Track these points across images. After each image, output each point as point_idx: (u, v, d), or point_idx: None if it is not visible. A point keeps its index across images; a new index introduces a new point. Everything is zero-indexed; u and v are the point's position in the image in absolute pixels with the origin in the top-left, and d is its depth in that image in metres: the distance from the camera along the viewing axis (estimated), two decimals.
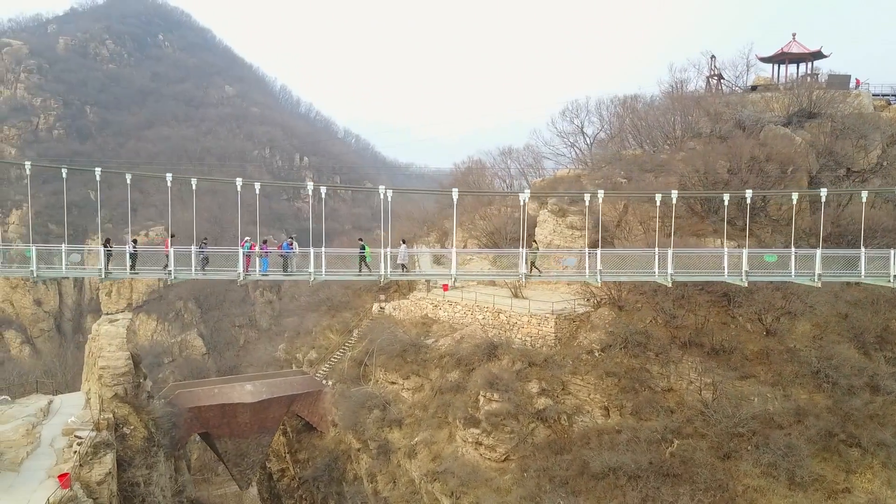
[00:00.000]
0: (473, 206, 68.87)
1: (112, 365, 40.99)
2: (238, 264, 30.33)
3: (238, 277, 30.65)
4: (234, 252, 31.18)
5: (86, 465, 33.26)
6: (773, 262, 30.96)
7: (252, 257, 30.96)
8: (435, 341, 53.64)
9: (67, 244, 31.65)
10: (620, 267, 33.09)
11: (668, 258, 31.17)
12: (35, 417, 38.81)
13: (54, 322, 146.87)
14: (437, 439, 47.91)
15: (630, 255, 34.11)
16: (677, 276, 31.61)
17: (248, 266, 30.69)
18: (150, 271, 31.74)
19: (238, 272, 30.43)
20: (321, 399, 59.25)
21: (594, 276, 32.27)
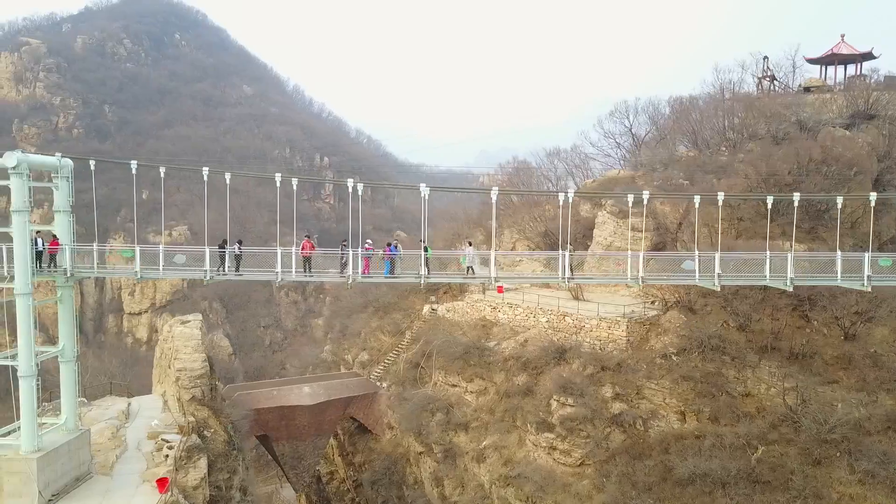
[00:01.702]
0: (524, 206, 68.38)
1: (189, 367, 40.47)
2: (345, 267, 29.75)
3: (347, 280, 30.09)
4: (339, 254, 30.63)
5: (181, 470, 32.75)
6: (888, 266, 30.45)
7: (371, 259, 30.41)
8: (497, 344, 53.11)
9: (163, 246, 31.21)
10: (672, 270, 32.45)
11: (716, 262, 30.57)
12: (117, 420, 38.32)
13: (76, 322, 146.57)
14: (506, 443, 47.38)
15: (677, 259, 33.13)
16: (725, 280, 30.94)
17: (367, 268, 30.16)
18: (255, 273, 31.13)
19: (347, 274, 29.88)
20: (377, 401, 58.75)
21: (636, 280, 31.84)
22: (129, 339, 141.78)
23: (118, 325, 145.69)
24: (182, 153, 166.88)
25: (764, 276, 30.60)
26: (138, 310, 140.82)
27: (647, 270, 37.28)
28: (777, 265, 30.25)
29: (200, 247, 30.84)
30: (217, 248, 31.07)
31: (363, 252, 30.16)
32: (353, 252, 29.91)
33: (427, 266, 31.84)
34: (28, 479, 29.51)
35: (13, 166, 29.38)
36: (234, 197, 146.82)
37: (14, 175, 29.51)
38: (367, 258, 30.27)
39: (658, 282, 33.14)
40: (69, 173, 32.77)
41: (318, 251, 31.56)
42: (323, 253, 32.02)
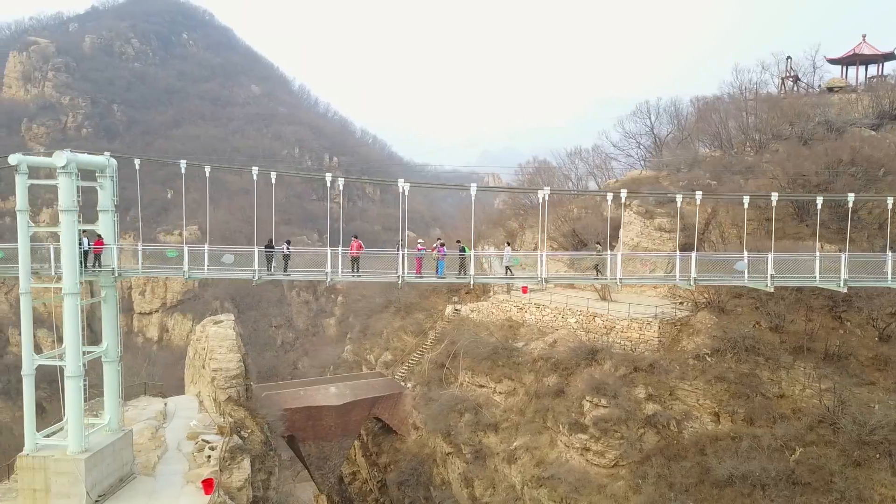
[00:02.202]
0: (547, 206, 68.17)
1: (224, 367, 40.34)
2: (400, 267, 29.60)
3: (398, 280, 29.95)
4: (389, 254, 30.51)
5: (225, 471, 32.62)
6: None
7: (424, 259, 30.27)
8: (525, 345, 52.97)
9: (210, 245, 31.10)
10: (711, 271, 32.26)
11: (769, 263, 30.50)
12: (156, 420, 38.21)
13: (86, 321, 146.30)
14: (537, 444, 47.22)
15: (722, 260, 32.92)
16: (779, 281, 30.80)
17: (420, 268, 30.02)
18: (305, 273, 30.97)
19: (398, 274, 29.74)
20: (402, 402, 58.61)
21: (687, 281, 31.62)
22: (140, 338, 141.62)
23: (128, 325, 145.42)
24: (191, 153, 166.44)
25: (814, 278, 30.46)
26: (149, 309, 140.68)
27: (682, 272, 37.29)
28: (826, 266, 30.17)
29: (249, 247, 30.74)
30: (264, 248, 30.94)
31: (416, 252, 30.01)
32: (404, 253, 29.76)
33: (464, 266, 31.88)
34: (76, 479, 29.42)
35: (62, 165, 29.31)
36: (245, 197, 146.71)
37: (63, 174, 29.44)
38: (419, 258, 30.13)
39: (710, 283, 32.89)
40: (113, 172, 32.64)
41: (365, 251, 31.36)
42: (373, 253, 31.80)
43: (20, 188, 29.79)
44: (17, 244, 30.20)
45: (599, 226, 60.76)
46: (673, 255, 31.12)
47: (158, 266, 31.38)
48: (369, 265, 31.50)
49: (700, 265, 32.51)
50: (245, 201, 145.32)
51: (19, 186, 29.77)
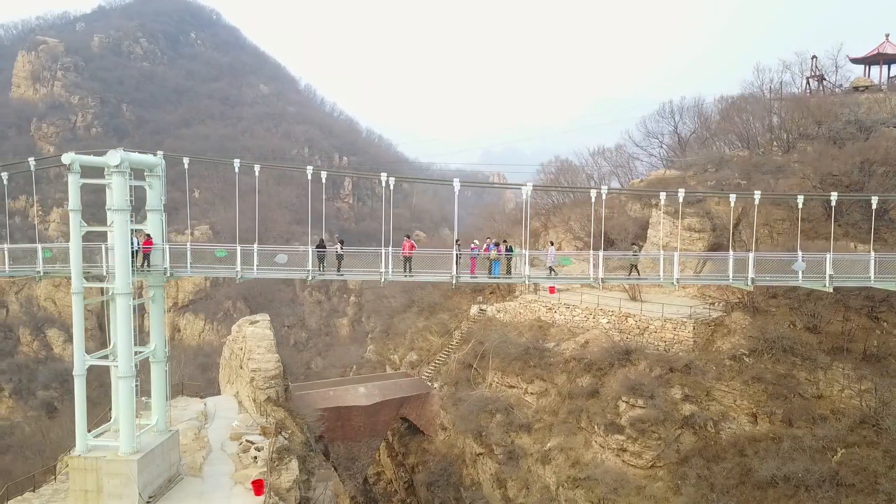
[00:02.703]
0: (571, 206, 68.08)
1: (263, 367, 40.20)
2: (454, 266, 29.41)
3: (452, 280, 29.76)
4: (445, 254, 30.33)
5: (274, 472, 32.45)
6: None
7: (478, 259, 30.10)
8: (556, 345, 52.78)
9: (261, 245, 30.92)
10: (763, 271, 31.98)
11: (827, 263, 30.41)
12: (197, 421, 38.03)
13: (97, 321, 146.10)
14: (572, 445, 47.05)
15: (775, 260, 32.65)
16: (837, 282, 30.57)
17: (475, 268, 29.85)
18: (359, 273, 30.76)
19: (452, 274, 29.55)
20: (429, 402, 58.45)
21: (744, 281, 31.32)
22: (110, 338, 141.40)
23: (139, 325, 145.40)
24: (202, 152, 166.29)
25: (868, 278, 30.32)
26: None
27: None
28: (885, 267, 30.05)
29: (303, 246, 30.58)
30: (315, 248, 30.77)
31: (470, 252, 29.84)
32: (459, 252, 29.59)
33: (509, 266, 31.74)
34: (129, 480, 29.23)
35: (116, 164, 29.13)
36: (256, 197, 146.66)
37: (116, 173, 29.25)
38: (473, 258, 29.95)
39: (766, 283, 32.74)
40: (162, 171, 32.47)
41: (418, 251, 31.18)
42: (428, 253, 31.61)
43: (73, 188, 29.59)
44: (70, 244, 29.88)
45: (628, 225, 60.73)
46: (729, 255, 30.78)
47: (210, 266, 31.11)
48: (422, 265, 31.32)
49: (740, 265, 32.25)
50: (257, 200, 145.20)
51: (72, 186, 29.57)
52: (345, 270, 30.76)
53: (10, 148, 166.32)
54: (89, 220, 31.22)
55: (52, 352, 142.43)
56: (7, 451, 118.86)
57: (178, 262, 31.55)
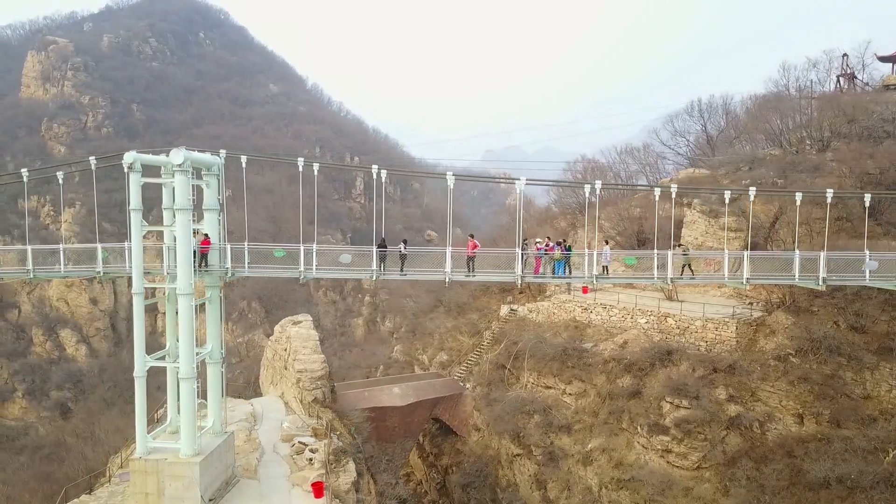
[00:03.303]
0: (603, 205, 67.59)
1: (309, 368, 39.87)
2: (519, 266, 29.05)
3: (517, 280, 29.40)
4: (509, 253, 29.96)
5: (332, 474, 32.12)
6: None
7: (543, 259, 29.72)
8: (594, 345, 52.43)
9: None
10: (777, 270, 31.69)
11: None
12: (247, 422, 37.70)
13: (109, 321, 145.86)
14: (614, 446, 46.70)
15: None
16: None
17: (539, 268, 29.48)
18: (422, 273, 30.39)
19: (517, 274, 29.19)
20: (462, 402, 58.13)
21: (815, 281, 30.98)
22: (164, 339, 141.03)
23: (152, 325, 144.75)
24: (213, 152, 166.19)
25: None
26: (174, 309, 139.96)
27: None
28: None
29: (367, 246, 30.25)
30: (378, 248, 30.42)
31: (536, 252, 29.48)
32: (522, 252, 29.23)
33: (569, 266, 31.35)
34: (191, 483, 28.92)
35: (179, 163, 28.80)
36: (268, 196, 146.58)
37: (179, 172, 28.93)
38: (538, 258, 29.59)
39: (839, 282, 32.39)
40: (219, 171, 32.15)
41: (480, 250, 30.80)
42: (491, 253, 31.23)
43: (133, 187, 29.22)
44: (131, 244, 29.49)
45: (666, 224, 60.25)
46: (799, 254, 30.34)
47: (271, 266, 30.68)
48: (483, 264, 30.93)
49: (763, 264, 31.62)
50: (268, 200, 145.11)
51: (133, 185, 29.21)
52: (409, 270, 30.32)
53: (21, 148, 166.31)
54: (101, 219, 31.12)
55: (64, 352, 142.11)
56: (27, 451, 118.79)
57: (236, 263, 31.26)
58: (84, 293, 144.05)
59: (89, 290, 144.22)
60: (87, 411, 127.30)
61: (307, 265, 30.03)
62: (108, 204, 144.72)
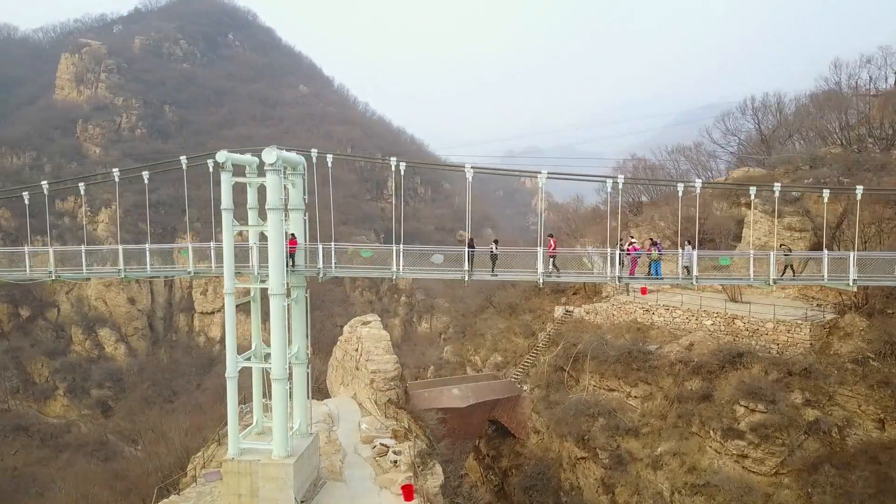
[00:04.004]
0: (653, 206, 66.77)
1: (382, 369, 39.46)
2: (616, 267, 28.32)
3: (613, 281, 28.70)
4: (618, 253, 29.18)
5: (420, 476, 31.63)
6: None
7: (640, 260, 28.99)
8: (659, 347, 51.51)
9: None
10: None
11: None
12: (325, 423, 37.35)
13: (147, 320, 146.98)
14: (685, 450, 45.75)
15: None
16: None
17: (634, 269, 28.76)
18: (513, 273, 29.75)
19: (616, 275, 28.46)
20: (520, 404, 57.47)
21: None
22: (202, 338, 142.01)
23: (189, 325, 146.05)
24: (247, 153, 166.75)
25: None
26: (211, 309, 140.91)
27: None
28: None
29: (458, 247, 29.72)
30: (468, 248, 29.86)
31: (633, 252, 28.75)
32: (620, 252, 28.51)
33: None
34: (284, 485, 28.61)
35: (272, 162, 28.54)
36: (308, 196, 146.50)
37: (271, 172, 28.68)
38: (635, 258, 28.87)
39: None
40: (304, 170, 31.86)
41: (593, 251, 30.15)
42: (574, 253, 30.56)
43: (225, 186, 29.02)
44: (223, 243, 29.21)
45: (728, 224, 59.36)
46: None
47: (363, 266, 30.26)
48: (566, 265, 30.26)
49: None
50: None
51: (224, 184, 28.99)
52: (500, 270, 29.70)
53: (57, 149, 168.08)
54: (136, 219, 31.05)
55: (104, 351, 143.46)
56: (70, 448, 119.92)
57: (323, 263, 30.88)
58: (122, 293, 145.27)
59: (127, 289, 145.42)
60: (127, 410, 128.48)
61: (397, 265, 29.57)
62: (144, 205, 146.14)
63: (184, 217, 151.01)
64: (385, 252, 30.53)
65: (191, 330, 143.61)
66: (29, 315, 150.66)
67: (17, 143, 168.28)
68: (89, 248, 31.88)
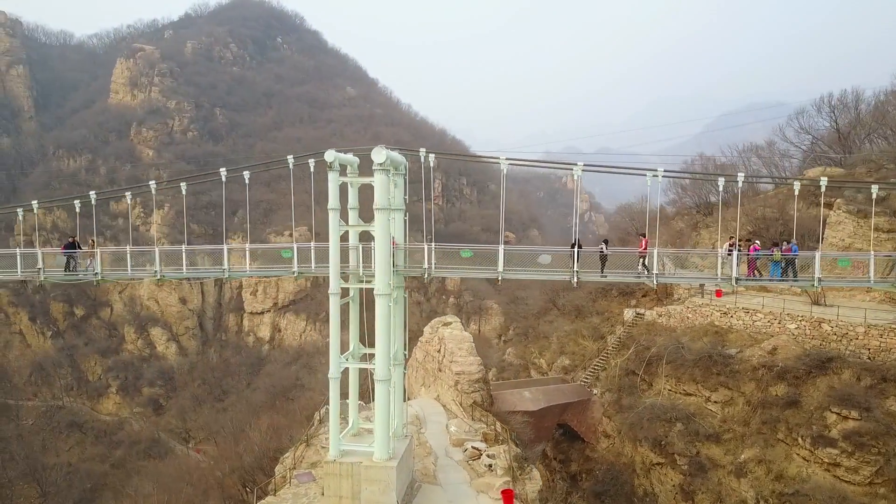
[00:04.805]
0: (727, 205, 65.27)
1: (467, 370, 39.14)
2: (734, 267, 27.50)
3: (731, 284, 27.89)
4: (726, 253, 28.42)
5: (518, 481, 31.17)
6: None
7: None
8: (739, 351, 50.21)
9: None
10: None
11: None
12: (413, 426, 37.11)
13: (198, 320, 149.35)
14: (771, 457, 44.48)
15: None
16: None
17: (753, 270, 27.90)
18: (624, 275, 29.17)
19: (734, 277, 27.63)
20: (590, 408, 56.65)
21: None
22: (251, 338, 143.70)
23: (238, 324, 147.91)
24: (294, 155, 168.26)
25: None
26: (261, 309, 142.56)
27: None
28: None
29: (562, 247, 29.23)
30: (570, 248, 29.32)
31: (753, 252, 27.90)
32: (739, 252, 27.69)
33: None
34: (387, 487, 28.41)
35: (381, 162, 28.35)
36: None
37: (380, 171, 28.50)
38: (753, 259, 28.02)
39: None
40: (406, 170, 31.69)
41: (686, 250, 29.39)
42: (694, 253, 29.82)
43: (332, 185, 28.98)
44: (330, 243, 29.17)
45: (785, 226, 57.78)
46: None
47: (467, 267, 29.86)
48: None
49: None
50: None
51: (332, 184, 28.96)
52: (609, 272, 29.11)
53: (112, 152, 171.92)
54: (189, 220, 30.68)
55: (155, 350, 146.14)
56: (123, 445, 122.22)
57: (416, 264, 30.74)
58: (174, 292, 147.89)
59: (179, 289, 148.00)
60: (179, 408, 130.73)
61: (489, 266, 29.19)
62: (195, 206, 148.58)
63: (233, 218, 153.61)
64: (489, 251, 30.04)
65: (240, 330, 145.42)
66: (83, 314, 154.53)
67: (73, 147, 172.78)
68: (165, 248, 32.58)
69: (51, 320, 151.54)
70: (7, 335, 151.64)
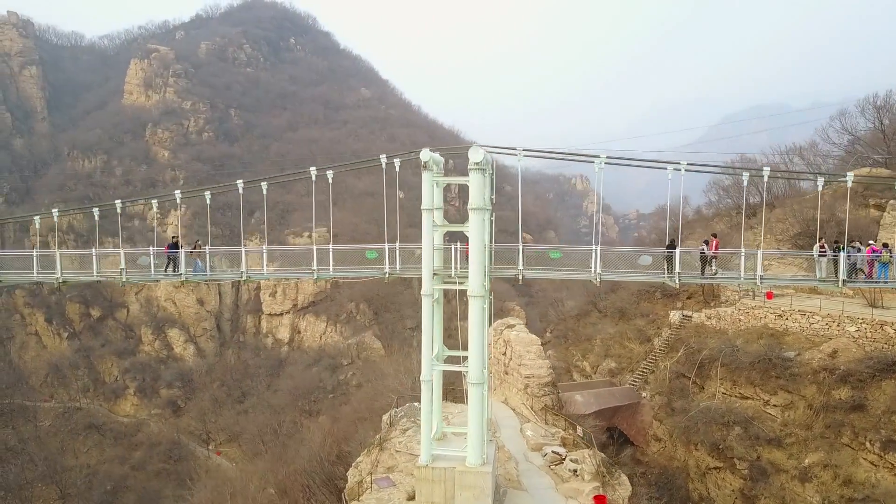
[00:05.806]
0: (768, 206, 64.75)
1: (536, 374, 38.57)
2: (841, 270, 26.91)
3: (839, 286, 27.30)
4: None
5: (608, 487, 30.57)
6: None
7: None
8: (798, 354, 49.58)
9: None
10: None
11: None
12: (489, 431, 36.47)
13: (215, 321, 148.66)
14: (837, 462, 43.85)
15: None
16: None
17: (872, 271, 27.29)
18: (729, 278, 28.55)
19: (842, 279, 27.05)
20: (639, 411, 56.02)
21: None
22: (269, 339, 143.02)
23: (256, 326, 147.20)
24: (310, 156, 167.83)
25: None
26: (279, 311, 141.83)
27: None
28: None
29: (658, 248, 28.65)
30: (665, 249, 28.75)
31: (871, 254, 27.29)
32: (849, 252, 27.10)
33: None
34: (482, 493, 27.84)
35: (478, 161, 27.77)
36: (373, 199, 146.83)
37: (475, 171, 27.94)
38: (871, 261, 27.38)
39: None
40: (493, 170, 31.10)
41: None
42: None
43: (426, 185, 28.50)
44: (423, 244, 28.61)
45: (835, 227, 57.15)
46: None
47: (558, 268, 29.25)
48: None
49: None
50: (373, 203, 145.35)
51: (426, 183, 28.48)
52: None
53: (127, 153, 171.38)
54: (206, 221, 30.13)
55: (172, 351, 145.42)
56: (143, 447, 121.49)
57: None
58: (191, 294, 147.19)
59: (196, 290, 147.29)
60: (198, 410, 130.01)
61: (582, 268, 28.61)
62: (212, 207, 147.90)
63: (251, 219, 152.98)
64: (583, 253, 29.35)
65: (258, 331, 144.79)
66: (99, 315, 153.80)
67: (88, 148, 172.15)
68: None
69: (67, 321, 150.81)
70: (23, 336, 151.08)
